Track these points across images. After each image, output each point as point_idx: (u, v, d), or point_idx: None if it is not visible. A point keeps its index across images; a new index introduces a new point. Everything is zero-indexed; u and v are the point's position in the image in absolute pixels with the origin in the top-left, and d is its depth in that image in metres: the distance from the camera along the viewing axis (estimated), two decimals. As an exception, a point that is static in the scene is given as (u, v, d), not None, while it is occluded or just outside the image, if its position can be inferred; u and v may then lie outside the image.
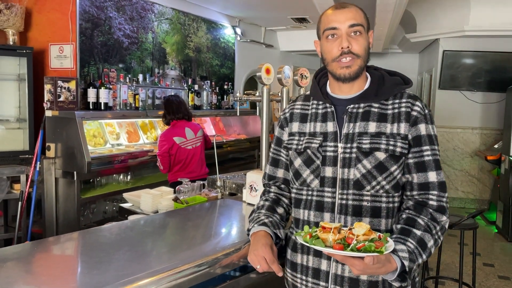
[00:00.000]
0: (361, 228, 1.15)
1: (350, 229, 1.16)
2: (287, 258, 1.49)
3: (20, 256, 1.46)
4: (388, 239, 1.17)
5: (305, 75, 2.51)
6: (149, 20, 4.59)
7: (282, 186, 1.55)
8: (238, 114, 2.54)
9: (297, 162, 1.42)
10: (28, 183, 3.52)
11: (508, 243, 5.00)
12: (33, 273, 1.34)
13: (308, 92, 1.54)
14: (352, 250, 1.10)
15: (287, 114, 1.52)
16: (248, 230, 1.45)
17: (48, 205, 3.62)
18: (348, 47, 1.32)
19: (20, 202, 3.44)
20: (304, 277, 1.41)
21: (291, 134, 1.47)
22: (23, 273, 1.32)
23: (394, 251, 1.20)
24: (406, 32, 7.31)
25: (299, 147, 1.42)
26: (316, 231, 1.17)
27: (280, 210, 1.51)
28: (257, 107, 6.36)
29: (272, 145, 1.57)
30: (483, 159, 6.16)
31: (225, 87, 5.77)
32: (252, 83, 7.14)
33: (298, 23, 6.32)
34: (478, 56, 6.44)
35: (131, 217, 2.14)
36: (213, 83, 5.52)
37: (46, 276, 1.31)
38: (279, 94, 2.45)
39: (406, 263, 1.20)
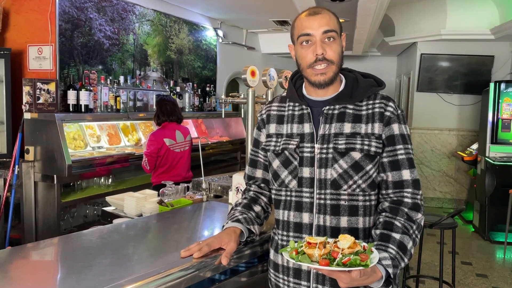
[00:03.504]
0: (346, 240, 1.16)
1: (335, 241, 1.18)
2: (270, 259, 1.52)
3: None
4: (373, 249, 1.19)
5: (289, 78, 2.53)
6: (130, 22, 4.55)
7: (262, 185, 1.59)
8: (223, 117, 2.53)
9: (275, 163, 1.45)
10: (6, 187, 3.44)
11: (484, 242, 5.13)
12: (13, 278, 1.30)
13: (284, 94, 1.56)
14: (338, 264, 1.11)
15: (264, 116, 1.54)
16: (223, 227, 1.49)
17: (27, 209, 3.54)
18: (322, 53, 1.34)
19: (-3, 207, 3.36)
20: (286, 277, 1.44)
21: (268, 135, 1.50)
22: (2, 278, 1.28)
23: (378, 260, 1.21)
24: (385, 36, 7.44)
25: (277, 148, 1.45)
26: (301, 246, 1.18)
27: (257, 208, 1.55)
28: (242, 110, 6.37)
29: (250, 146, 1.60)
30: (460, 160, 6.31)
31: (207, 89, 5.75)
32: (234, 85, 7.15)
33: (280, 25, 6.36)
34: (455, 59, 6.61)
35: (116, 221, 2.11)
36: (195, 85, 5.50)
37: (28, 281, 1.27)
38: (264, 96, 2.47)
39: (390, 270, 1.22)
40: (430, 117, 6.79)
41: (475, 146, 6.02)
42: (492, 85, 5.35)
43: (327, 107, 1.40)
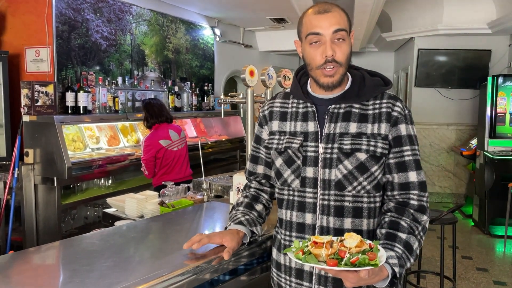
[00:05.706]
0: (353, 239, 1.14)
1: (341, 240, 1.15)
2: (273, 258, 1.51)
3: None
4: (379, 247, 1.16)
5: (288, 76, 2.53)
6: (127, 22, 4.54)
7: (263, 181, 1.58)
8: (223, 116, 2.53)
9: (278, 162, 1.43)
10: (6, 190, 3.43)
11: (484, 236, 5.15)
12: (16, 283, 1.30)
13: (287, 90, 1.53)
14: (346, 264, 1.09)
15: (266, 112, 1.51)
16: (225, 228, 1.49)
17: (27, 212, 3.54)
18: (332, 55, 1.30)
19: (-2, 210, 3.35)
20: (288, 277, 1.43)
21: (271, 133, 1.47)
22: (5, 284, 1.28)
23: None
24: (382, 31, 7.44)
25: (280, 146, 1.42)
26: (307, 246, 1.15)
27: (258, 206, 1.55)
28: (241, 109, 6.36)
29: (252, 143, 1.58)
30: (458, 155, 6.33)
31: (205, 88, 5.75)
32: (231, 83, 7.14)
33: (277, 23, 6.35)
34: (452, 54, 6.61)
35: (118, 223, 2.11)
36: (193, 84, 5.49)
37: (32, 286, 1.27)
38: (263, 96, 2.47)
39: (396, 269, 1.20)
40: (429, 112, 6.80)
41: (475, 141, 6.03)
42: (490, 79, 5.35)
43: (333, 106, 1.37)
